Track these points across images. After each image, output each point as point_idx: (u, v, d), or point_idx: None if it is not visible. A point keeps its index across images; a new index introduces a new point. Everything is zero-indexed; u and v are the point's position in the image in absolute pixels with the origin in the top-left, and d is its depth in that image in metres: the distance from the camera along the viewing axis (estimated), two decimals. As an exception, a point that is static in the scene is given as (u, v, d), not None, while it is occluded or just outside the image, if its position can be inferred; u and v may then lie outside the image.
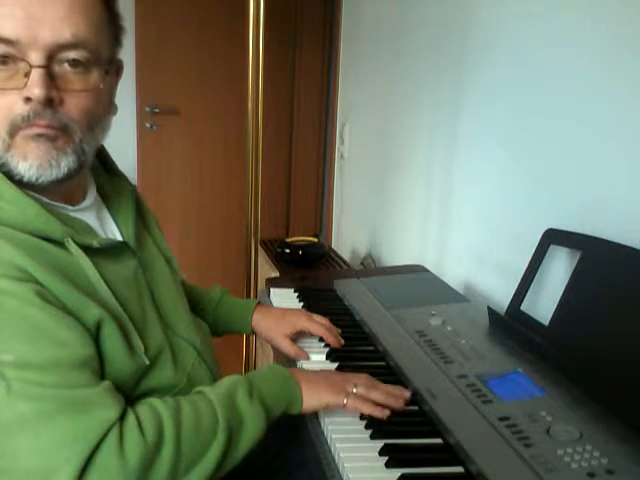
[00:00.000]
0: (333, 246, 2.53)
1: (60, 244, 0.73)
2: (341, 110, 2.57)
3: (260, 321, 1.11)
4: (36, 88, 0.68)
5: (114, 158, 0.95)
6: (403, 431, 0.80)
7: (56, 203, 0.78)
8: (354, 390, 0.83)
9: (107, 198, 0.89)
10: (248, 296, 1.92)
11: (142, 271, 0.85)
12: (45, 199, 0.77)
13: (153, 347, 0.79)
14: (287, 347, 1.05)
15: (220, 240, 2.90)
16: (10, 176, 0.73)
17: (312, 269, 2.00)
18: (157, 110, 2.68)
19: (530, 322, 1.08)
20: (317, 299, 1.31)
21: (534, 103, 1.23)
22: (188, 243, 2.83)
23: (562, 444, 0.71)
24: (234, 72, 2.63)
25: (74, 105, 0.73)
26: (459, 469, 0.72)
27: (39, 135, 0.71)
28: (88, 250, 0.74)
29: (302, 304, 1.28)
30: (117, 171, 0.95)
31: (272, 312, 1.15)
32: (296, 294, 1.34)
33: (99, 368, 0.70)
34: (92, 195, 0.85)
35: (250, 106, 1.78)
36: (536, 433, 0.74)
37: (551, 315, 1.02)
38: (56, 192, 0.78)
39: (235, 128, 2.73)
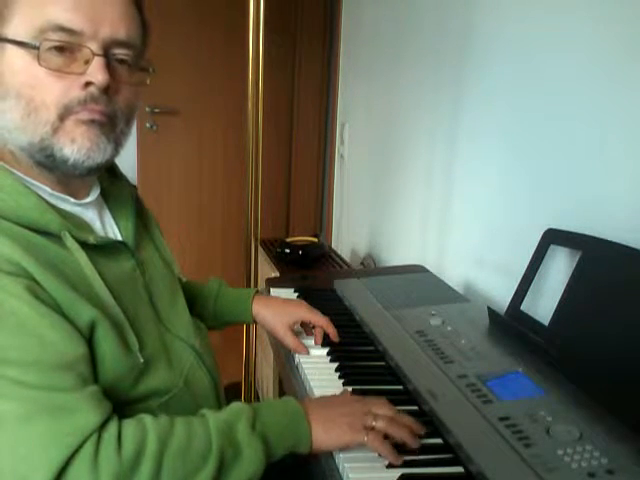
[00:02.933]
0: (333, 246, 2.52)
1: (56, 239, 0.72)
2: (341, 110, 2.57)
3: (261, 310, 1.11)
4: (99, 74, 0.72)
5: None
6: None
7: (59, 194, 0.78)
8: (374, 424, 0.76)
9: (108, 198, 0.90)
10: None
11: (140, 272, 0.85)
12: (48, 189, 0.77)
13: (148, 347, 0.78)
14: (289, 340, 1.06)
15: (220, 240, 2.90)
16: (51, 160, 0.74)
17: (312, 269, 2.00)
18: (157, 110, 2.68)
19: (530, 322, 1.08)
20: (317, 299, 1.31)
21: (534, 103, 1.23)
22: (188, 243, 2.83)
23: (562, 444, 0.71)
24: (234, 72, 2.63)
25: (124, 97, 0.77)
26: (459, 469, 0.72)
27: (92, 120, 0.74)
28: (84, 246, 0.74)
29: (302, 304, 1.28)
30: (118, 173, 0.95)
31: (273, 302, 1.15)
32: (296, 294, 1.34)
33: (89, 371, 0.68)
34: (95, 193, 0.86)
35: (250, 106, 1.78)
36: (536, 433, 0.74)
37: (551, 315, 1.02)
38: (63, 183, 0.79)
39: (235, 128, 2.73)
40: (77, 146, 0.74)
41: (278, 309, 1.11)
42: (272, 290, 1.37)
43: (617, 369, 0.85)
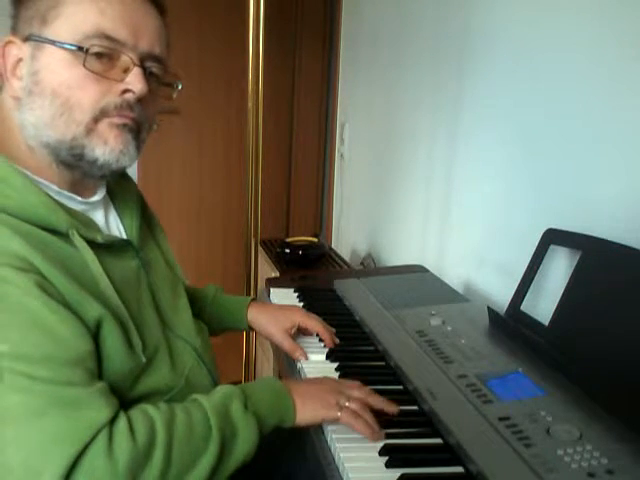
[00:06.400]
0: (333, 246, 2.52)
1: (64, 237, 0.73)
2: (341, 110, 2.57)
3: (257, 317, 1.11)
4: (139, 83, 0.76)
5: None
6: (403, 431, 0.80)
7: (66, 193, 0.80)
8: (347, 404, 0.81)
9: (114, 198, 0.91)
10: (248, 296, 1.92)
11: (144, 272, 0.86)
12: (55, 187, 0.78)
13: (150, 346, 0.79)
14: (287, 344, 1.05)
15: (220, 240, 2.90)
16: (77, 159, 0.77)
17: (312, 269, 1.99)
18: (157, 110, 2.68)
19: (530, 322, 1.08)
20: (317, 299, 1.31)
21: (534, 103, 1.23)
22: (188, 243, 2.83)
23: (562, 444, 0.71)
24: (234, 72, 2.63)
25: (151, 108, 0.81)
26: (459, 469, 0.72)
27: (124, 125, 0.77)
28: (91, 245, 0.75)
29: (302, 304, 1.28)
30: (125, 174, 0.96)
31: (268, 308, 1.16)
32: (296, 294, 1.34)
33: (95, 367, 0.69)
34: (102, 192, 0.87)
35: (250, 106, 1.78)
36: (536, 433, 0.74)
37: (551, 315, 1.02)
38: (73, 183, 0.80)
39: (235, 128, 2.73)
40: (109, 148, 0.77)
41: (274, 314, 1.11)
42: (272, 290, 1.37)
43: (617, 369, 0.85)
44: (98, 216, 0.85)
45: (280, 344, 1.07)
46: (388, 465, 0.72)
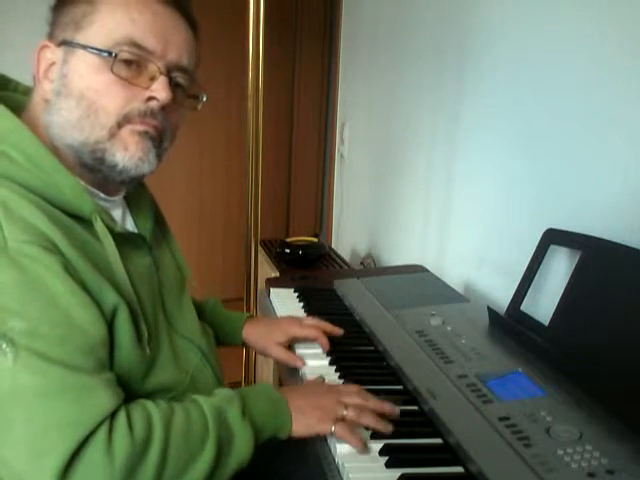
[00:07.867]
0: (333, 246, 2.52)
1: (84, 224, 0.74)
2: (341, 110, 2.57)
3: (251, 332, 1.11)
4: (164, 92, 0.77)
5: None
6: (403, 431, 0.80)
7: (90, 188, 0.81)
8: (344, 413, 0.80)
9: (129, 200, 0.92)
10: (248, 296, 1.92)
11: (155, 270, 0.87)
12: (82, 182, 0.79)
13: (156, 342, 0.80)
14: (280, 354, 1.05)
15: (220, 240, 2.90)
16: (98, 162, 0.77)
17: (312, 269, 1.99)
18: (157, 110, 2.68)
19: (530, 322, 1.08)
20: (317, 299, 1.31)
21: (535, 103, 1.23)
22: (188, 243, 2.83)
23: (562, 444, 0.71)
24: (234, 72, 2.63)
25: (174, 117, 0.82)
26: (459, 469, 0.72)
27: (145, 132, 0.78)
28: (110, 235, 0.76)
29: (302, 304, 1.28)
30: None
31: (262, 322, 1.15)
32: (296, 294, 1.34)
33: (107, 357, 0.70)
34: (122, 193, 0.89)
35: (250, 106, 1.77)
36: (536, 433, 0.74)
37: (551, 315, 1.02)
38: (97, 184, 0.82)
39: (235, 128, 2.73)
40: (129, 154, 0.77)
41: (268, 329, 1.10)
42: (272, 290, 1.37)
43: (617, 369, 0.85)
44: (117, 214, 0.87)
45: (276, 357, 1.06)
46: (388, 465, 0.72)
